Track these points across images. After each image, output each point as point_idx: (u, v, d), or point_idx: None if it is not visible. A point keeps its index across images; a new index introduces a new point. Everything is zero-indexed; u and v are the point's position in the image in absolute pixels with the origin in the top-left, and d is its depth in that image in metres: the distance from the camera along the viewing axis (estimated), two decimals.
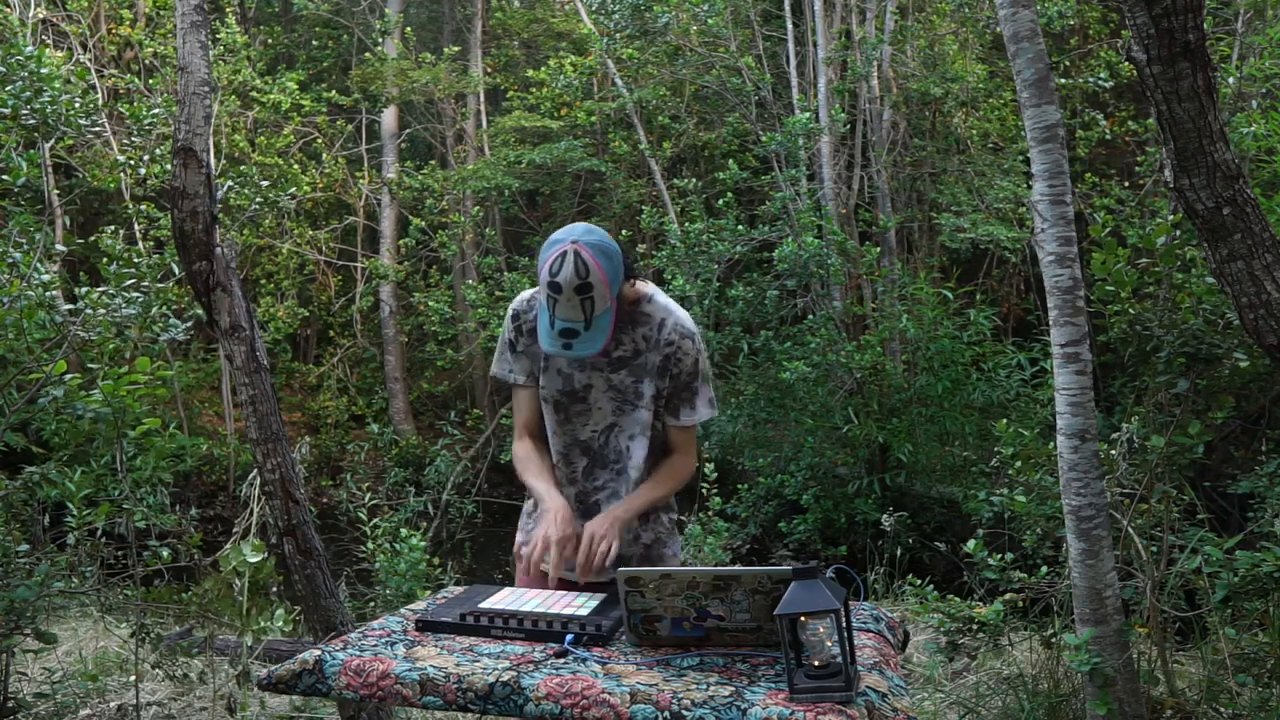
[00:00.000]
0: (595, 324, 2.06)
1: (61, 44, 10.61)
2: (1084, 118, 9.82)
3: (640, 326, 2.25)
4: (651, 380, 2.25)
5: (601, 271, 2.04)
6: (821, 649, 1.54)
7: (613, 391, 2.27)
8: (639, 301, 2.26)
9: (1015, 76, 3.04)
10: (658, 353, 2.25)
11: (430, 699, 1.67)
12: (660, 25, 9.63)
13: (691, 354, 2.25)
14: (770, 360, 8.49)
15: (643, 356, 2.25)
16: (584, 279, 2.01)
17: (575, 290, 2.01)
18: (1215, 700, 3.33)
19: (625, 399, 2.27)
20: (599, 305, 2.05)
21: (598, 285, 2.03)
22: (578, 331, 2.06)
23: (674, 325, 2.25)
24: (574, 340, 2.06)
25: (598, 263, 2.03)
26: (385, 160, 12.88)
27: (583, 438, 2.30)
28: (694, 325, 2.28)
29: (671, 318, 2.25)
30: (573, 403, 2.29)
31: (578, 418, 2.30)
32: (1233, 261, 2.50)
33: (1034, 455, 3.71)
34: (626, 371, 2.26)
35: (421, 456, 11.66)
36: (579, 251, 2.02)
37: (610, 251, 2.07)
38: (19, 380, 3.78)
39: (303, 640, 4.56)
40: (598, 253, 2.04)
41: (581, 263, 2.02)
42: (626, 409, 2.27)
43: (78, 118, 4.62)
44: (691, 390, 2.28)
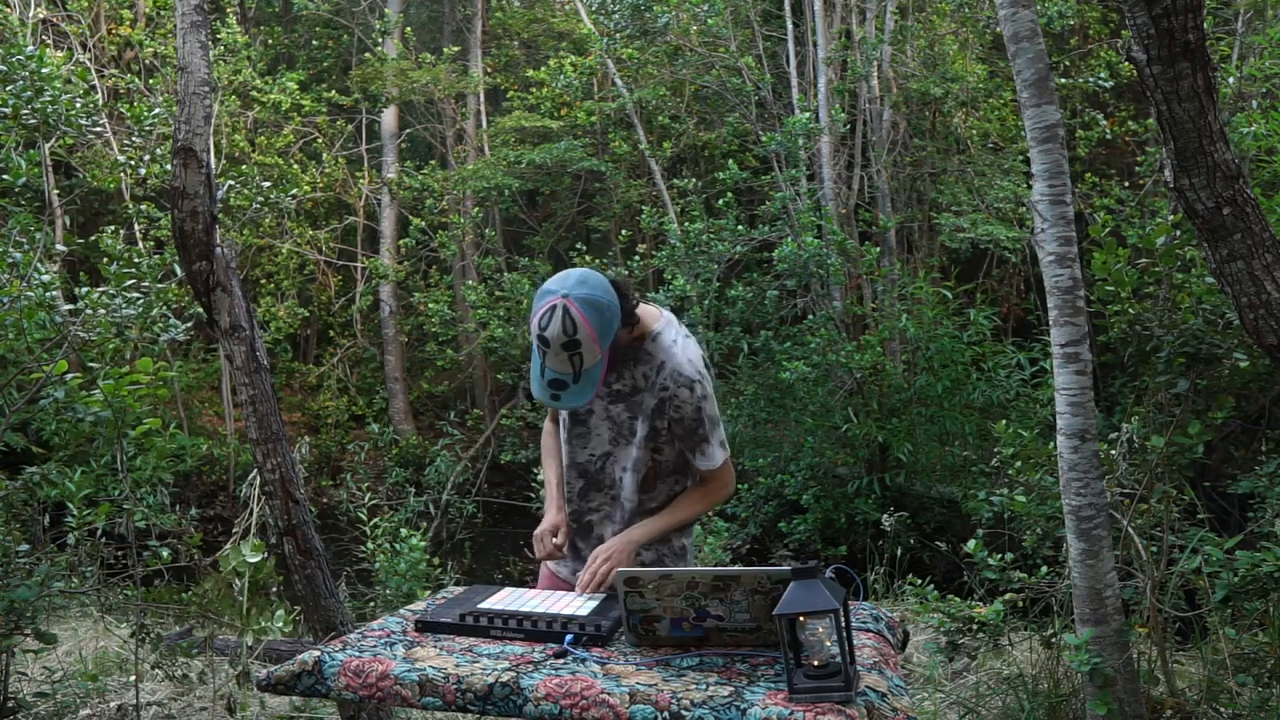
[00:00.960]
0: (584, 377, 2.04)
1: (61, 44, 10.61)
2: (1084, 118, 9.82)
3: (641, 364, 2.21)
4: (645, 420, 2.22)
5: (590, 328, 2.00)
6: (821, 649, 1.54)
7: (610, 422, 2.26)
8: (643, 339, 2.21)
9: (1015, 76, 3.03)
10: (653, 395, 2.20)
11: (430, 699, 1.67)
12: (660, 25, 9.63)
13: (691, 402, 2.18)
14: (770, 360, 8.50)
15: (639, 395, 2.22)
16: (571, 336, 1.99)
17: (563, 347, 2.00)
18: (1215, 700, 3.33)
19: (620, 432, 2.25)
20: (588, 360, 2.03)
21: (585, 342, 2.00)
22: (566, 384, 2.05)
23: (671, 372, 2.18)
24: (562, 392, 2.05)
25: (586, 318, 1.99)
26: (385, 160, 12.88)
27: (580, 460, 2.31)
28: (696, 371, 2.20)
29: (670, 364, 2.19)
30: (574, 424, 2.29)
31: (577, 440, 2.30)
32: (1233, 261, 2.50)
33: (1034, 455, 3.71)
34: (623, 406, 2.24)
35: (421, 456, 11.66)
36: (568, 307, 1.99)
37: (601, 305, 2.02)
38: (19, 380, 3.78)
39: (303, 640, 4.56)
40: (587, 307, 2.00)
41: (570, 320, 1.98)
42: (621, 442, 2.26)
43: (78, 118, 4.62)
44: (699, 437, 2.22)
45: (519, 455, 11.19)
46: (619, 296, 2.09)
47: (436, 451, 11.44)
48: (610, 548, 2.19)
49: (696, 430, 2.22)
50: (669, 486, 2.30)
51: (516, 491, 11.11)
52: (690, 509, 2.29)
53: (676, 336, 2.23)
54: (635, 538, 2.21)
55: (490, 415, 12.52)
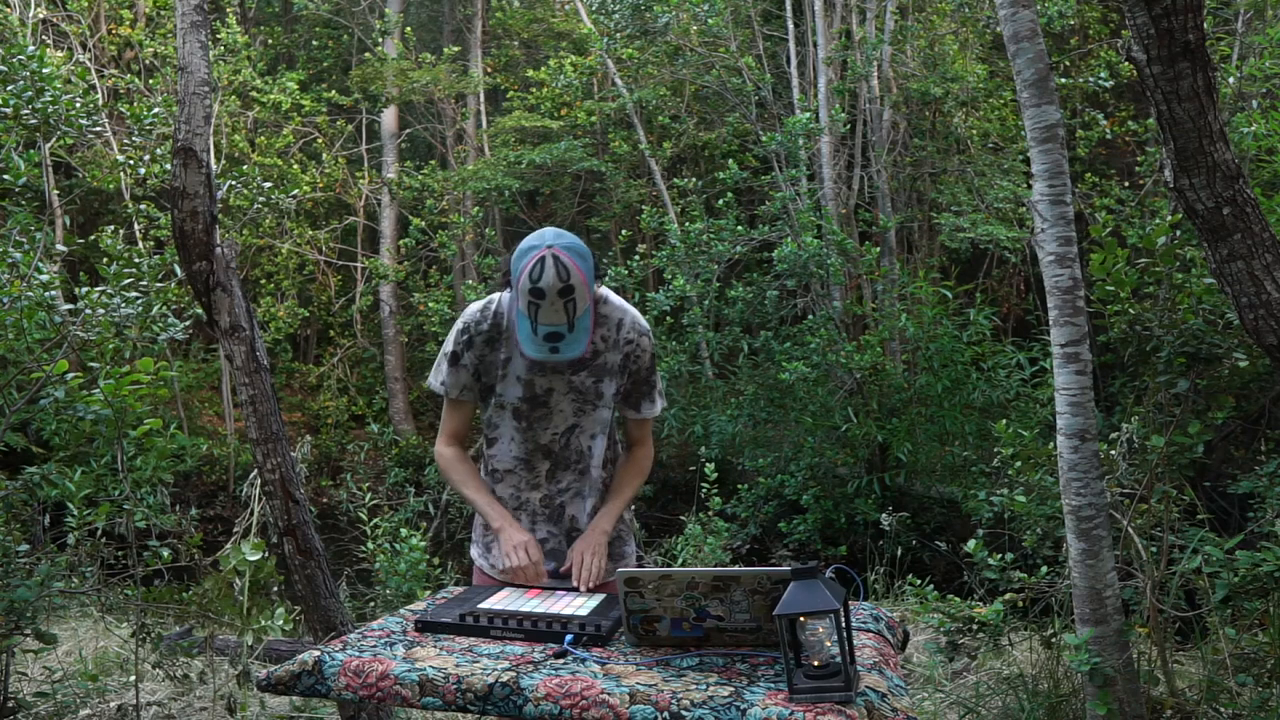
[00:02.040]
0: (578, 325, 2.09)
1: (61, 44, 10.61)
2: (1084, 118, 9.81)
3: (599, 328, 2.29)
4: (612, 379, 2.31)
5: (581, 272, 2.06)
6: (821, 649, 1.54)
7: (574, 393, 2.29)
8: (596, 303, 2.28)
9: (1015, 76, 3.04)
10: (618, 352, 2.30)
11: (429, 699, 1.67)
12: (660, 25, 9.63)
13: (648, 349, 2.34)
14: (770, 360, 8.49)
15: (602, 357, 2.29)
16: (566, 281, 2.03)
17: (559, 294, 2.03)
18: (1215, 700, 3.33)
19: (586, 399, 2.30)
20: (580, 306, 2.07)
21: (579, 286, 2.05)
22: (562, 334, 2.08)
23: (631, 324, 2.30)
24: (560, 343, 2.08)
25: (576, 264, 2.05)
26: (385, 160, 12.88)
27: (544, 441, 2.33)
28: (646, 322, 2.36)
29: (628, 316, 2.31)
30: (534, 409, 2.31)
31: (539, 423, 2.31)
32: (1233, 261, 2.50)
33: (1034, 455, 3.71)
34: (587, 373, 2.29)
35: (421, 456, 11.65)
36: (557, 255, 2.04)
37: (584, 253, 2.10)
38: (19, 380, 3.78)
39: (303, 640, 4.56)
40: (574, 255, 2.07)
41: (562, 266, 2.03)
42: (587, 409, 2.31)
43: (78, 117, 4.62)
44: (650, 384, 2.36)
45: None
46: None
47: None
48: (587, 545, 2.27)
49: (649, 378, 2.36)
50: (614, 454, 2.42)
51: None
52: (635, 480, 2.41)
53: (619, 298, 2.36)
54: (605, 527, 2.31)
55: None
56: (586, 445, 2.33)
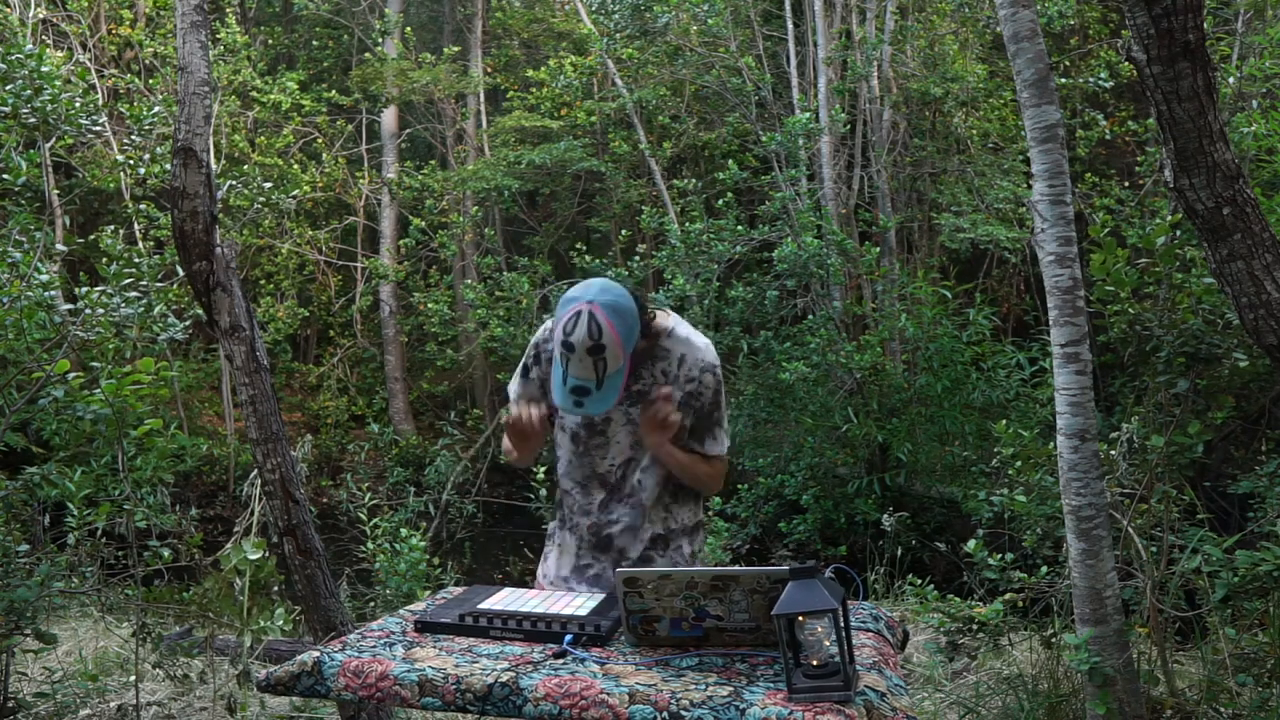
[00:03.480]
0: (607, 383, 2.05)
1: (61, 44, 10.61)
2: (1084, 118, 9.82)
3: (660, 362, 2.23)
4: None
5: (615, 333, 2.02)
6: (820, 649, 1.54)
7: (631, 425, 2.25)
8: (659, 336, 2.23)
9: (1015, 76, 3.03)
10: (678, 389, 2.22)
11: (429, 700, 1.67)
12: (660, 25, 9.63)
13: (712, 386, 2.24)
14: (770, 360, 8.49)
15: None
16: (597, 340, 2.00)
17: (588, 351, 2.00)
18: (1215, 700, 3.33)
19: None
20: (611, 365, 2.04)
21: (610, 346, 2.01)
22: (589, 390, 2.05)
23: (694, 361, 2.23)
24: (585, 399, 2.06)
25: (611, 324, 2.01)
26: (385, 160, 12.88)
27: (600, 470, 2.30)
28: (714, 355, 2.27)
29: (692, 354, 2.23)
30: (591, 435, 2.28)
31: (596, 450, 2.29)
32: (1233, 261, 2.50)
33: (1034, 455, 3.71)
34: (644, 407, 2.23)
35: (421, 456, 11.66)
36: (594, 313, 2.00)
37: (624, 311, 2.04)
38: (19, 380, 3.78)
39: (303, 640, 4.56)
40: (612, 313, 2.02)
41: (595, 325, 2.00)
42: (643, 445, 2.25)
43: (78, 117, 4.62)
44: (714, 421, 2.27)
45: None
46: (637, 306, 2.11)
47: (436, 451, 11.44)
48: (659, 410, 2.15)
49: (713, 414, 2.26)
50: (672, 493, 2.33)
51: (516, 491, 11.11)
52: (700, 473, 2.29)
53: (688, 329, 2.28)
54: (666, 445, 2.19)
55: (490, 415, 12.51)
56: (639, 479, 2.28)
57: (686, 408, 2.23)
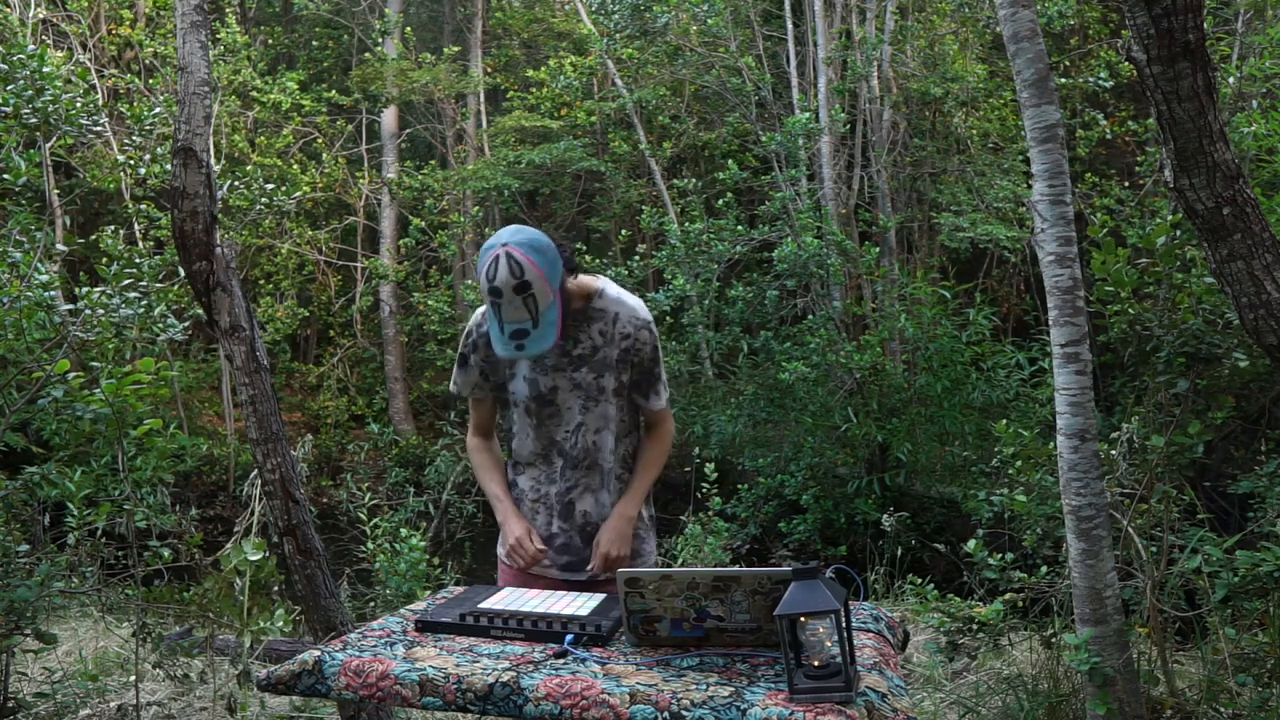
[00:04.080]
0: (543, 320, 2.10)
1: (61, 44, 10.61)
2: (1084, 118, 9.82)
3: (595, 323, 2.30)
4: (612, 374, 2.31)
5: (536, 268, 2.07)
6: (821, 649, 1.54)
7: (578, 390, 2.32)
8: (590, 298, 2.30)
9: (1015, 76, 3.03)
10: (614, 346, 2.30)
11: (430, 699, 1.67)
12: (660, 25, 9.63)
13: (649, 342, 2.32)
14: (770, 360, 8.49)
15: (601, 352, 2.31)
16: (520, 278, 2.05)
17: (514, 290, 2.05)
18: (1215, 700, 3.33)
19: (589, 396, 2.32)
20: (542, 301, 2.09)
21: (536, 281, 2.07)
22: (527, 331, 2.10)
23: (628, 317, 2.31)
24: (525, 340, 2.11)
25: (530, 260, 2.07)
26: (385, 160, 12.88)
27: (557, 438, 2.36)
28: (647, 312, 2.34)
29: (625, 309, 2.31)
30: (542, 406, 2.34)
31: (549, 420, 2.35)
32: (1233, 261, 2.50)
33: (1034, 455, 3.71)
34: (588, 369, 2.31)
35: (421, 456, 11.66)
36: (510, 253, 2.06)
37: (541, 246, 2.10)
38: (19, 380, 3.78)
39: (303, 640, 4.56)
40: (529, 250, 2.07)
41: (515, 263, 2.05)
42: (592, 405, 2.32)
43: (78, 117, 4.62)
44: (655, 375, 2.36)
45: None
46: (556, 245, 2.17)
47: (436, 451, 11.44)
48: (611, 529, 2.30)
49: (653, 370, 2.36)
50: (628, 445, 2.40)
51: None
52: (657, 461, 2.41)
53: (618, 290, 2.35)
54: (628, 512, 2.33)
55: None
56: (592, 441, 2.34)
57: (624, 363, 2.32)
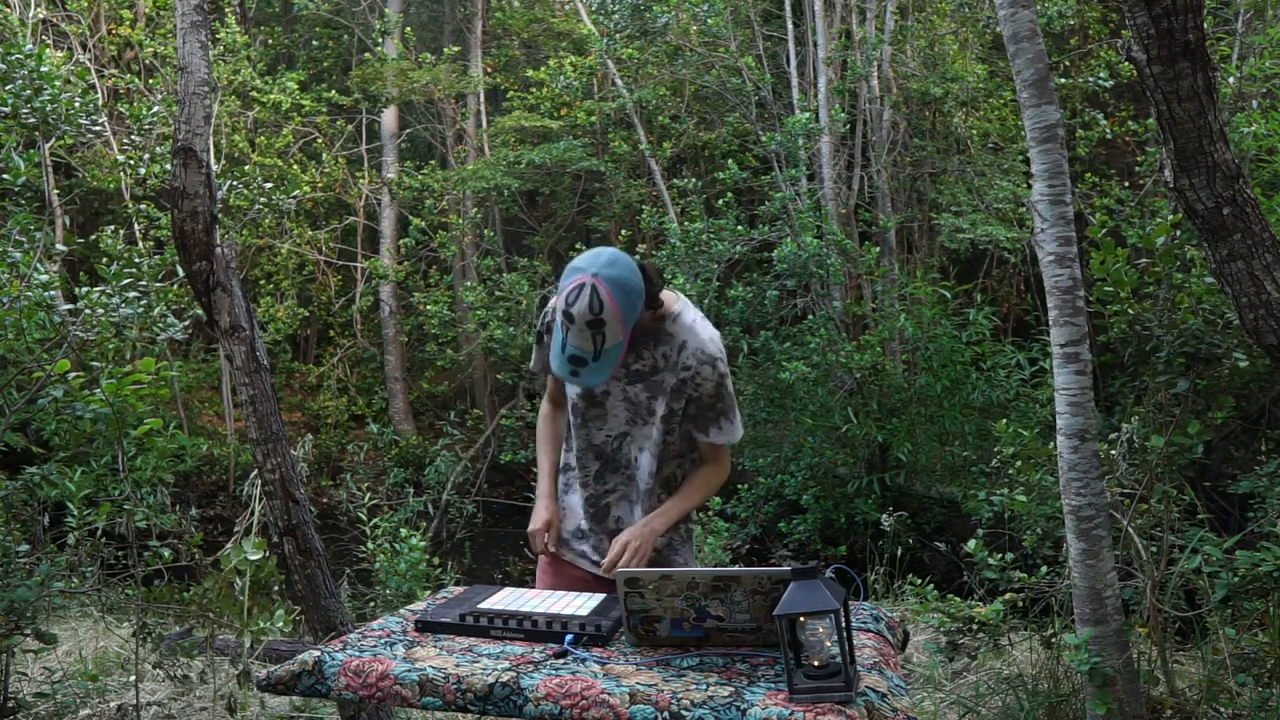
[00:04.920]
0: (604, 356, 2.06)
1: (61, 44, 10.61)
2: (1084, 118, 9.82)
3: (662, 344, 2.24)
4: (664, 400, 2.24)
5: (616, 309, 2.02)
6: (821, 649, 1.54)
7: (627, 402, 2.28)
8: (664, 319, 2.24)
9: (1015, 76, 3.03)
10: (674, 374, 2.23)
11: (430, 699, 1.67)
12: (660, 25, 9.63)
13: (712, 379, 2.23)
14: (770, 360, 8.49)
15: (660, 375, 2.24)
16: (597, 315, 2.00)
17: (587, 324, 2.01)
18: (1215, 700, 3.33)
19: (638, 412, 2.27)
20: (610, 340, 2.04)
21: (610, 322, 2.02)
22: (586, 361, 2.06)
23: (694, 350, 2.22)
24: (581, 369, 2.07)
25: (613, 299, 2.01)
26: (385, 160, 12.88)
27: (597, 442, 2.32)
28: (718, 349, 2.25)
29: (693, 341, 2.23)
30: (590, 406, 2.30)
31: (594, 422, 2.31)
32: (1233, 261, 2.50)
33: (1034, 455, 3.71)
34: (642, 386, 2.25)
35: (421, 456, 11.66)
36: (596, 286, 2.00)
37: (629, 288, 2.04)
38: (19, 380, 3.78)
39: (303, 640, 4.56)
40: (615, 289, 2.01)
41: (597, 299, 2.00)
42: (638, 422, 2.28)
43: (78, 117, 4.62)
44: (717, 412, 2.27)
45: (519, 455, 11.19)
46: (645, 280, 2.10)
47: (436, 451, 11.45)
48: (633, 535, 2.22)
49: (716, 405, 2.26)
50: (675, 468, 2.34)
51: (516, 491, 11.13)
52: (699, 492, 2.34)
53: (695, 316, 2.28)
54: (656, 526, 2.25)
55: (490, 415, 12.52)
56: (634, 455, 2.30)
57: (680, 394, 2.24)
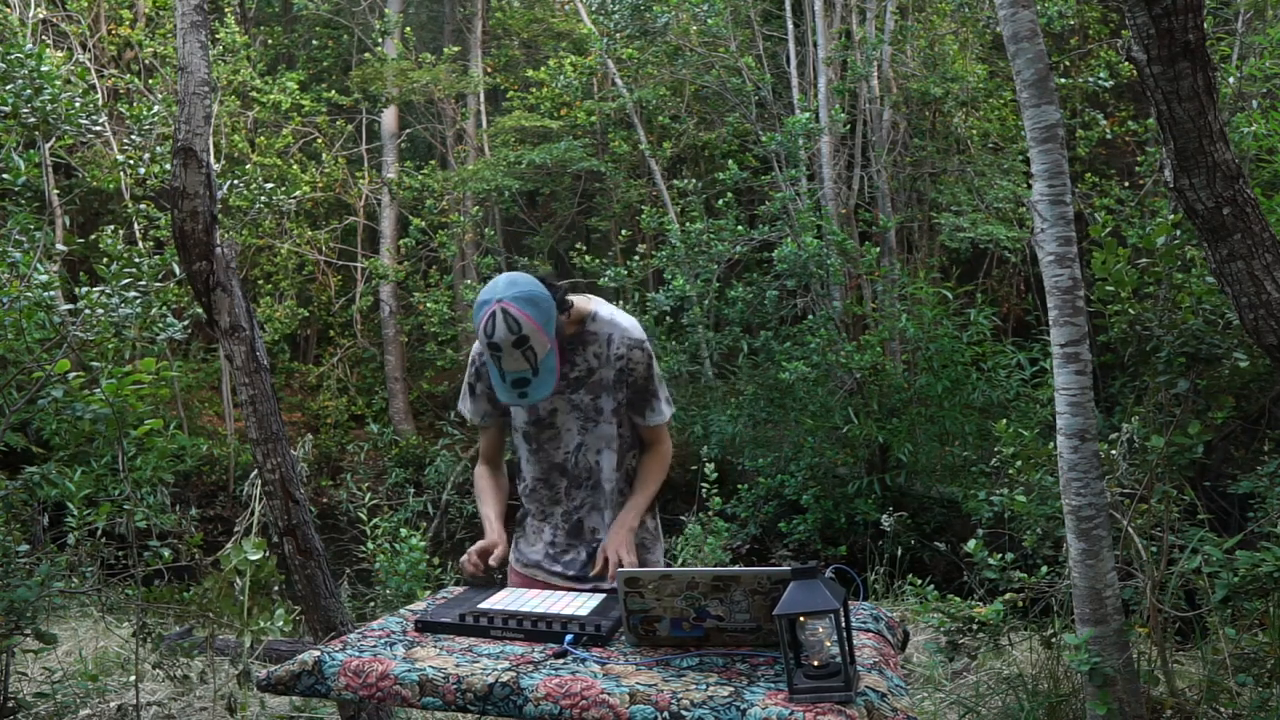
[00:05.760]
0: (542, 367, 2.14)
1: (61, 44, 10.61)
2: (1084, 118, 9.81)
3: (590, 345, 2.33)
4: (609, 394, 2.35)
5: (532, 321, 2.10)
6: (821, 649, 1.54)
7: (576, 412, 2.36)
8: (584, 322, 2.33)
9: (1015, 76, 3.03)
10: (610, 368, 2.33)
11: (429, 700, 1.67)
12: (660, 25, 9.63)
13: (643, 361, 2.35)
14: (770, 360, 8.49)
15: (597, 374, 2.34)
16: (517, 334, 2.08)
17: (513, 345, 2.09)
18: (1215, 700, 3.33)
19: (588, 417, 2.36)
20: (540, 351, 2.12)
21: (533, 335, 2.10)
22: (528, 379, 2.14)
23: (620, 338, 2.33)
24: (527, 388, 2.15)
25: (526, 315, 2.09)
26: (385, 160, 12.87)
27: (557, 460, 2.40)
28: (641, 332, 2.37)
29: (617, 331, 2.34)
30: (541, 430, 2.38)
31: (549, 443, 2.39)
32: (1233, 261, 2.50)
33: (1034, 455, 3.71)
34: (585, 390, 2.35)
35: (421, 456, 11.66)
36: (506, 309, 2.08)
37: (536, 298, 2.12)
38: (19, 380, 3.78)
39: (303, 640, 4.56)
40: (524, 304, 2.10)
41: (511, 319, 2.08)
42: (590, 426, 2.36)
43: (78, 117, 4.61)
44: (650, 393, 2.38)
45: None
46: (548, 288, 2.19)
47: (436, 451, 11.44)
48: (613, 541, 2.31)
49: (648, 387, 2.37)
50: (632, 459, 2.43)
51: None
52: (655, 477, 2.43)
53: (611, 310, 2.38)
54: (629, 523, 2.34)
55: None
56: (594, 461, 2.39)
57: (620, 384, 2.34)
